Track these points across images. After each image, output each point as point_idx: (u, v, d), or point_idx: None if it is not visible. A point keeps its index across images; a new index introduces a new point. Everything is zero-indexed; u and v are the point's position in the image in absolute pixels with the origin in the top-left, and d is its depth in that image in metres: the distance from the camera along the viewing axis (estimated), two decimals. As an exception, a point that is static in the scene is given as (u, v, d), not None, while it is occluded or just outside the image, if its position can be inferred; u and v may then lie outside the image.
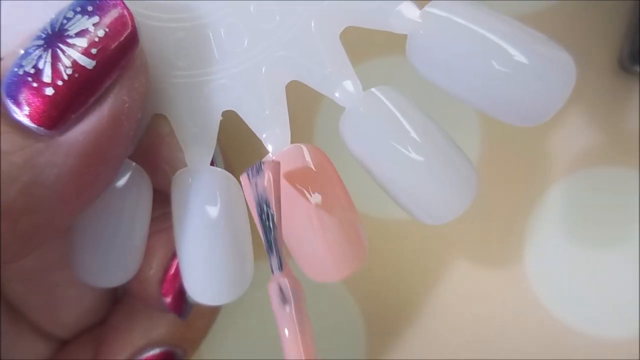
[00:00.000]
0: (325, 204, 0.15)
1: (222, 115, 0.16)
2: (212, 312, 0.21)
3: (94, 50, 0.13)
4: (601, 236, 0.25)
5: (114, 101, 0.13)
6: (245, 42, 0.15)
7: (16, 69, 0.13)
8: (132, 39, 0.13)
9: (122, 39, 0.13)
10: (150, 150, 0.16)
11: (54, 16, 0.13)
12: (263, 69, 0.15)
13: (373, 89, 0.15)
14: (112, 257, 0.16)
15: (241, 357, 0.26)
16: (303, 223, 0.16)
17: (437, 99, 0.17)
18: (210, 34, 0.15)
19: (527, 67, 0.14)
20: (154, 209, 0.17)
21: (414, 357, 0.25)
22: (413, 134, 0.15)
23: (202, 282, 0.16)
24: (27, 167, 0.13)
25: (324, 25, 0.15)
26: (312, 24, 0.15)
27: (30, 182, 0.13)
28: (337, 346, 0.26)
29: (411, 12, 0.15)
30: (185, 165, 0.16)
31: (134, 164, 0.16)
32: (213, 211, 0.16)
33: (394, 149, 0.15)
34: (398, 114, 0.15)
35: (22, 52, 0.13)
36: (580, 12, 0.25)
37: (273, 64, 0.15)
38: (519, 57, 0.14)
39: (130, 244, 0.16)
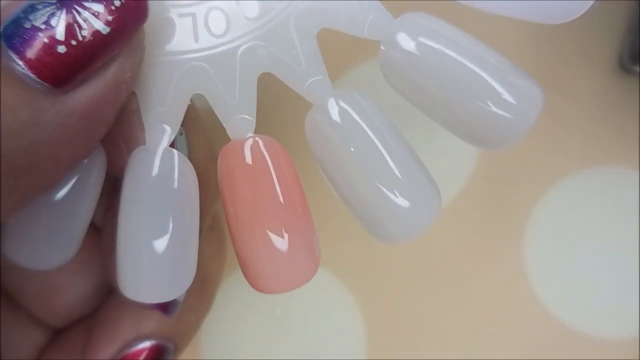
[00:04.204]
0: (274, 205, 0.14)
1: (190, 100, 0.16)
2: (203, 307, 0.20)
3: (110, 18, 0.13)
4: (601, 236, 0.25)
5: (117, 69, 0.14)
6: (225, 28, 0.15)
7: (22, 23, 0.13)
8: (145, 13, 0.14)
9: (135, 11, 0.13)
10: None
11: None
12: (238, 54, 0.15)
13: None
14: (49, 235, 0.15)
15: (241, 357, 0.26)
16: (247, 224, 0.15)
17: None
18: (192, 18, 0.15)
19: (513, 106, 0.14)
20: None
21: (414, 357, 0.25)
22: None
23: (141, 274, 0.15)
24: (31, 124, 0.13)
25: (302, 23, 0.15)
26: (291, 22, 0.15)
27: (34, 141, 0.13)
28: (337, 346, 0.25)
29: (384, 20, 0.15)
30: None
31: None
32: (164, 192, 0.15)
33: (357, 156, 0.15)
34: (364, 125, 0.15)
35: (26, 5, 0.13)
36: (580, 13, 0.25)
37: (248, 53, 0.15)
38: (506, 96, 0.14)
39: (71, 222, 0.16)
